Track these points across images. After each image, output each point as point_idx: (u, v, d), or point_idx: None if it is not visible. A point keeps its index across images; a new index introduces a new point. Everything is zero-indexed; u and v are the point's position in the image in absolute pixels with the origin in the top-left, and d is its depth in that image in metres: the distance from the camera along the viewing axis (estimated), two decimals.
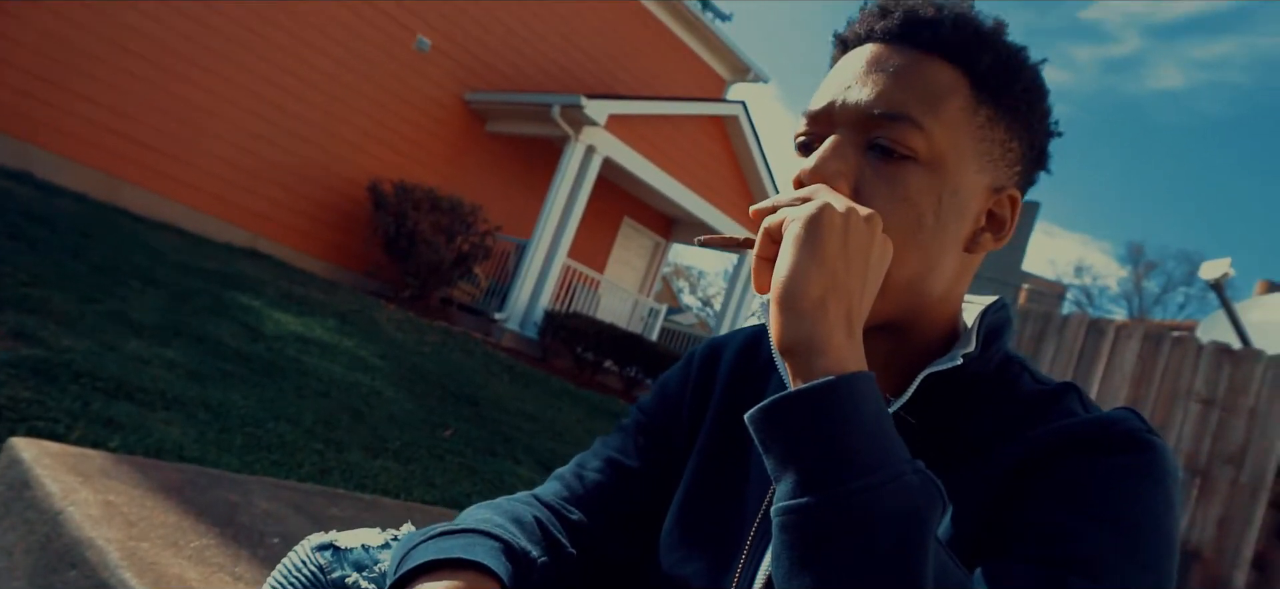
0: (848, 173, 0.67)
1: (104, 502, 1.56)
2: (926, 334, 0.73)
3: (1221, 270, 5.06)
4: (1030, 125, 0.72)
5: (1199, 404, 4.89)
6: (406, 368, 5.74)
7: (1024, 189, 0.75)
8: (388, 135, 10.36)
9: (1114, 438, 0.62)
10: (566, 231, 10.27)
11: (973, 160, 0.69)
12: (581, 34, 12.09)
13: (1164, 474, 0.61)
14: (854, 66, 0.71)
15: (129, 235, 6.60)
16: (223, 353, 4.30)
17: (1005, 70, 0.70)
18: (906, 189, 0.67)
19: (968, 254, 0.72)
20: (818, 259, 0.56)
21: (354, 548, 0.74)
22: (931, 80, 0.68)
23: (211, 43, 8.82)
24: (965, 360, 0.69)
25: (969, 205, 0.70)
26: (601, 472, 0.86)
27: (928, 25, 0.69)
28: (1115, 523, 0.57)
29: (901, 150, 0.67)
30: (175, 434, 2.90)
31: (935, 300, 0.71)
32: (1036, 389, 0.71)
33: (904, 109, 0.67)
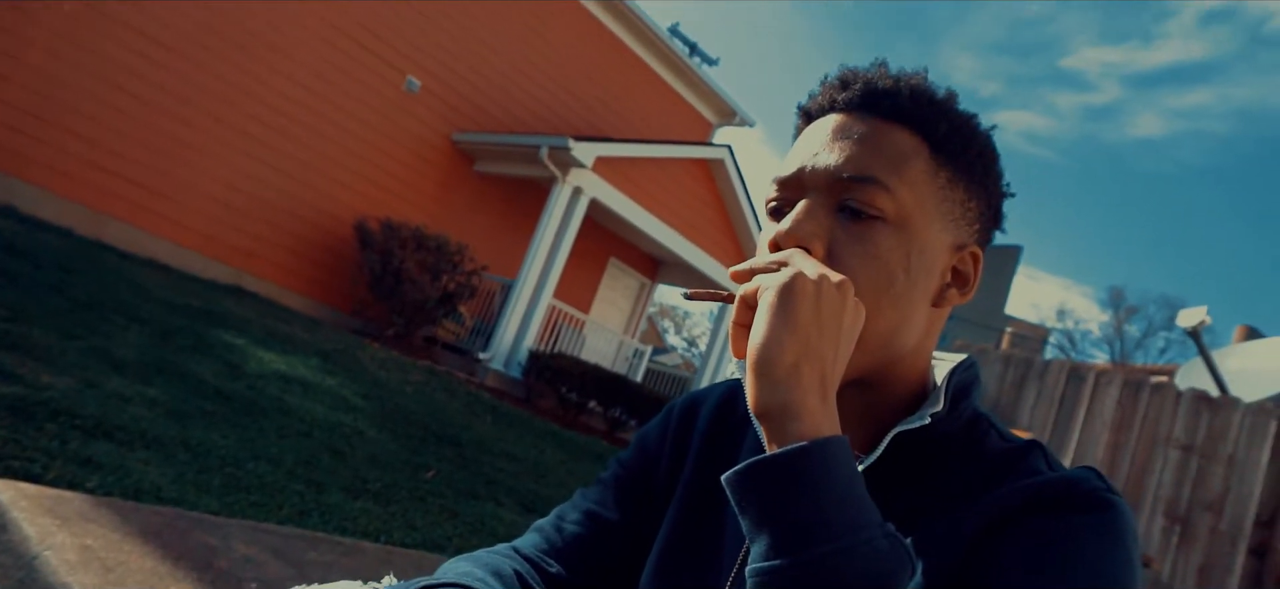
0: (821, 234, 0.70)
1: (81, 545, 1.55)
2: (897, 390, 0.75)
3: (1198, 318, 5.13)
4: (986, 186, 0.76)
5: (1178, 451, 4.93)
6: (389, 408, 5.71)
7: (984, 245, 0.78)
8: (376, 174, 10.39)
9: (1075, 498, 0.64)
10: (552, 272, 10.29)
11: (936, 219, 0.72)
12: (570, 77, 12.22)
13: (1123, 533, 0.63)
14: (821, 134, 0.74)
15: (112, 271, 6.57)
16: (204, 391, 4.27)
17: (961, 135, 0.73)
18: (877, 248, 0.69)
19: (935, 309, 0.75)
20: (791, 326, 0.58)
21: None
22: (894, 145, 0.71)
23: (199, 79, 8.86)
24: (933, 419, 0.71)
25: (936, 262, 0.73)
26: (581, 524, 0.86)
27: (887, 95, 0.73)
28: (1071, 579, 0.59)
29: (870, 211, 0.70)
30: (154, 475, 2.88)
31: (906, 354, 0.74)
32: (1003, 447, 0.73)
33: (871, 172, 0.70)
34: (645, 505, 0.88)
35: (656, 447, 0.91)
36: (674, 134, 13.55)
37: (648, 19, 12.61)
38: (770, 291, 0.60)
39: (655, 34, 12.86)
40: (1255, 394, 5.07)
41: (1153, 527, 4.89)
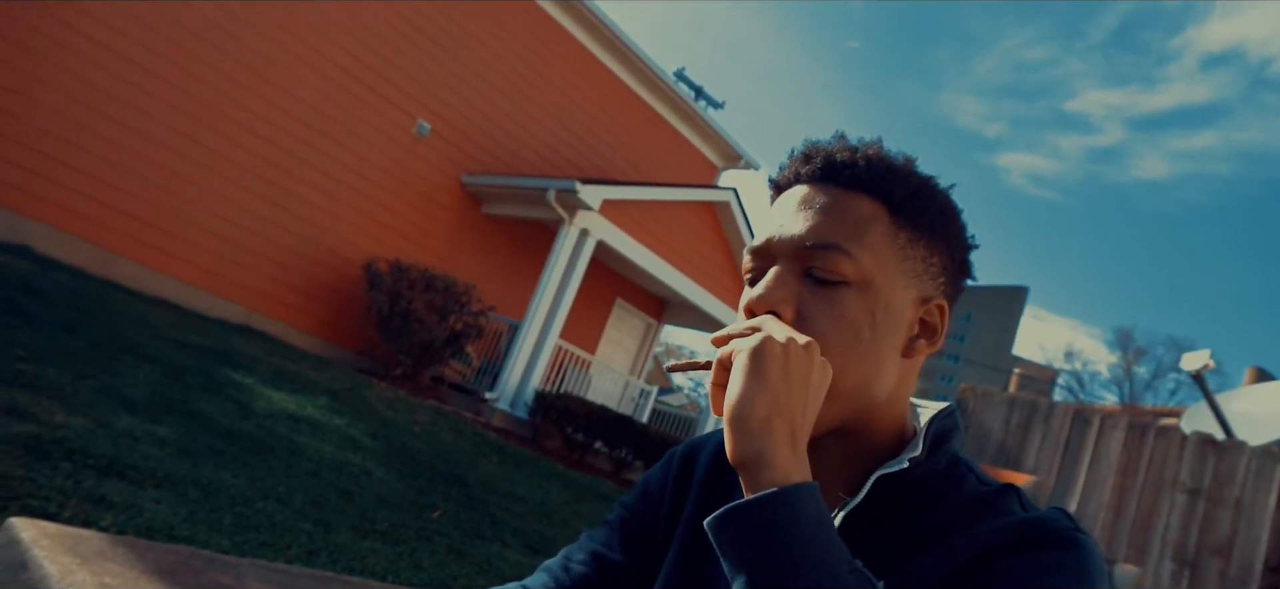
0: (790, 299, 0.75)
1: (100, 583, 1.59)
2: (877, 437, 0.79)
3: (1202, 362, 5.14)
4: (948, 241, 0.81)
5: (1185, 495, 4.91)
6: (396, 447, 5.73)
7: (952, 298, 0.83)
8: (385, 215, 10.50)
9: (1045, 537, 0.68)
10: (559, 312, 10.34)
11: (899, 278, 0.77)
12: (578, 121, 12.37)
13: (1090, 569, 0.67)
14: (788, 206, 0.80)
15: (123, 310, 6.64)
16: (214, 430, 4.31)
17: (918, 198, 0.79)
18: (842, 309, 0.75)
19: (906, 360, 0.80)
20: (762, 384, 0.64)
21: None
22: (854, 212, 0.77)
23: (212, 121, 9.01)
24: (913, 463, 0.76)
25: (901, 317, 0.78)
26: (586, 564, 0.91)
27: (846, 166, 0.78)
28: None
29: (834, 277, 0.75)
30: (165, 513, 2.91)
31: (881, 404, 0.78)
32: (980, 490, 0.78)
33: (833, 240, 0.75)
34: (648, 547, 0.92)
35: (659, 490, 0.96)
36: (680, 177, 13.67)
37: (654, 64, 12.79)
38: (743, 354, 0.66)
39: (661, 79, 13.03)
40: (1261, 437, 5.07)
41: (1162, 571, 4.86)
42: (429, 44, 10.61)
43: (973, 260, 0.84)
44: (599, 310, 13.18)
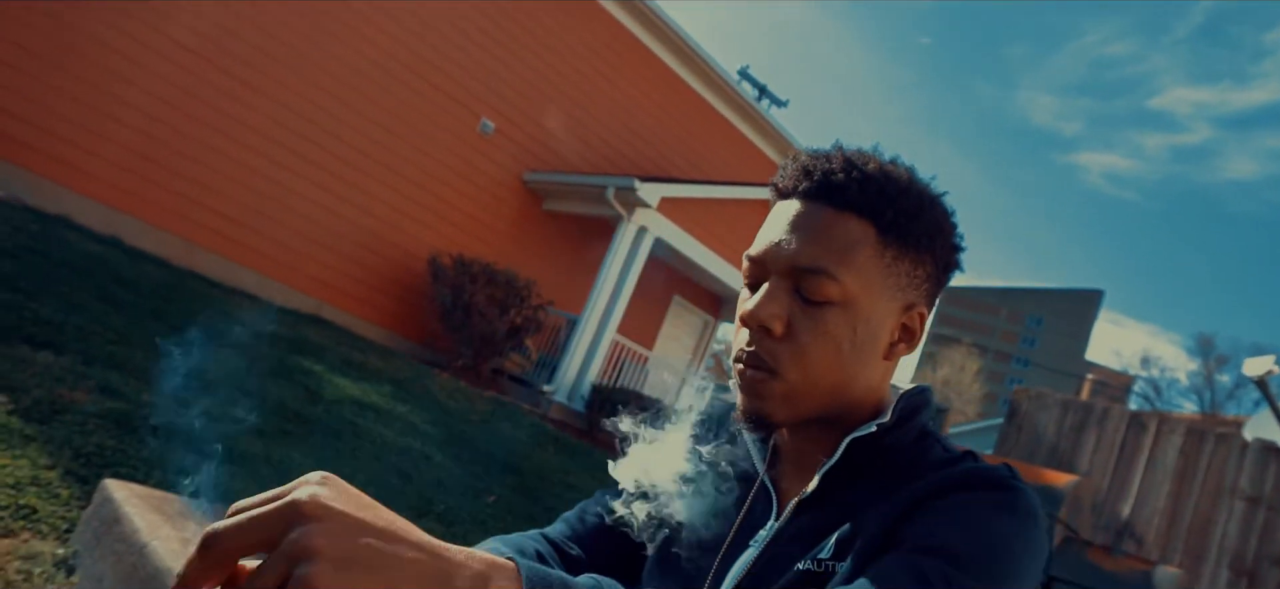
0: (781, 314, 0.86)
1: (182, 538, 1.78)
2: (856, 417, 0.91)
3: (1266, 367, 5.03)
4: (933, 251, 0.90)
5: (1244, 503, 4.83)
6: (455, 435, 5.96)
7: (934, 297, 0.93)
8: (449, 211, 10.81)
9: (985, 480, 0.80)
10: (616, 308, 10.51)
11: (882, 293, 0.87)
12: (637, 119, 12.52)
13: (1016, 507, 0.77)
14: (783, 220, 0.89)
15: (203, 299, 7.02)
16: (285, 413, 4.57)
17: (906, 217, 0.87)
18: (826, 326, 0.85)
19: (886, 361, 0.91)
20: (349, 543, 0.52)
21: None
22: (844, 235, 0.86)
23: (289, 121, 9.41)
24: (881, 429, 0.87)
25: (882, 327, 0.88)
26: (600, 516, 1.04)
27: (839, 188, 0.87)
28: (969, 530, 0.74)
29: (819, 298, 0.85)
30: (239, 485, 3.14)
31: (860, 397, 0.90)
32: (942, 455, 0.89)
33: (822, 264, 0.85)
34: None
35: None
36: (740, 175, 13.71)
37: (715, 64, 12.85)
38: (310, 565, 0.49)
39: (723, 78, 13.09)
40: None
41: (1218, 579, 4.79)
42: (493, 44, 10.88)
43: (962, 259, 0.94)
44: (657, 307, 13.32)
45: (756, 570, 0.88)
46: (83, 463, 2.74)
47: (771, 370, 0.85)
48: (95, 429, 3.05)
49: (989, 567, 0.73)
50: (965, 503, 0.78)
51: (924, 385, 0.95)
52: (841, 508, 0.87)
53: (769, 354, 0.86)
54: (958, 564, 0.72)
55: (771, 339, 0.86)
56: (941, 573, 0.71)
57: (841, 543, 0.83)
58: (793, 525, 0.89)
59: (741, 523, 0.95)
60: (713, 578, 0.93)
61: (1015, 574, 0.75)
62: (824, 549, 0.84)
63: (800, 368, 0.85)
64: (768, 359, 0.86)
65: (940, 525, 0.76)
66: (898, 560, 0.73)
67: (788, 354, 0.85)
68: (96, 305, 5.19)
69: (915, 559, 0.73)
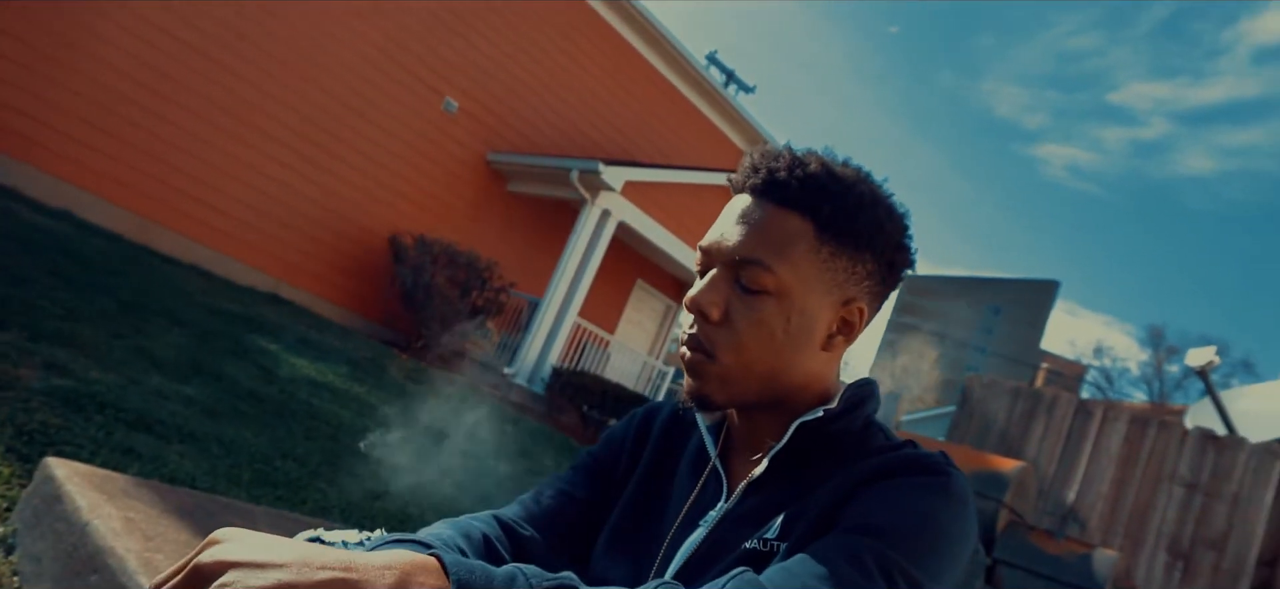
0: (720, 302, 0.91)
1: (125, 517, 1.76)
2: (802, 405, 0.95)
3: (1207, 358, 5.19)
4: (874, 248, 0.93)
5: (1183, 488, 4.98)
6: (413, 417, 5.93)
7: (880, 295, 0.97)
8: (411, 190, 10.71)
9: (918, 465, 0.84)
10: (578, 291, 10.51)
11: (817, 287, 0.91)
12: (603, 102, 12.49)
13: (951, 493, 0.82)
14: (732, 214, 0.94)
15: (157, 275, 6.90)
16: (238, 392, 4.52)
17: (844, 214, 0.91)
18: (760, 315, 0.89)
19: (825, 352, 0.95)
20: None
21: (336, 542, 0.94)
22: (782, 230, 0.90)
23: (248, 95, 9.25)
24: (828, 415, 0.92)
25: (817, 319, 0.92)
26: (554, 499, 1.07)
27: (781, 186, 0.91)
28: (901, 511, 0.78)
29: (755, 287, 0.89)
30: (189, 466, 3.11)
31: (800, 384, 0.94)
32: (884, 442, 0.94)
33: (758, 256, 0.89)
34: (607, 488, 1.09)
35: (620, 442, 1.13)
36: (706, 161, 13.75)
37: (683, 49, 12.85)
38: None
39: (690, 63, 13.10)
40: (1263, 435, 5.12)
41: (1155, 563, 4.94)
42: (458, 22, 10.77)
43: (912, 257, 0.97)
44: (619, 291, 13.34)
45: (704, 549, 0.92)
46: (25, 441, 2.70)
47: (708, 353, 0.90)
48: (39, 407, 2.99)
49: (919, 545, 0.77)
50: (900, 486, 0.82)
51: (869, 378, 0.99)
52: (788, 490, 0.91)
53: (706, 338, 0.90)
54: (890, 542, 0.76)
55: (710, 324, 0.91)
56: (874, 550, 0.75)
57: (786, 524, 0.87)
58: (741, 506, 0.93)
59: (692, 504, 0.98)
60: (662, 557, 0.96)
61: (945, 553, 0.79)
62: (770, 529, 0.87)
63: (734, 352, 0.89)
64: (705, 342, 0.90)
65: (875, 507, 0.80)
66: (834, 539, 0.77)
67: (723, 339, 0.90)
68: (44, 279, 5.08)
69: (850, 538, 0.77)
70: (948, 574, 0.80)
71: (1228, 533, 4.79)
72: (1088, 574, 3.34)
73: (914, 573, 0.75)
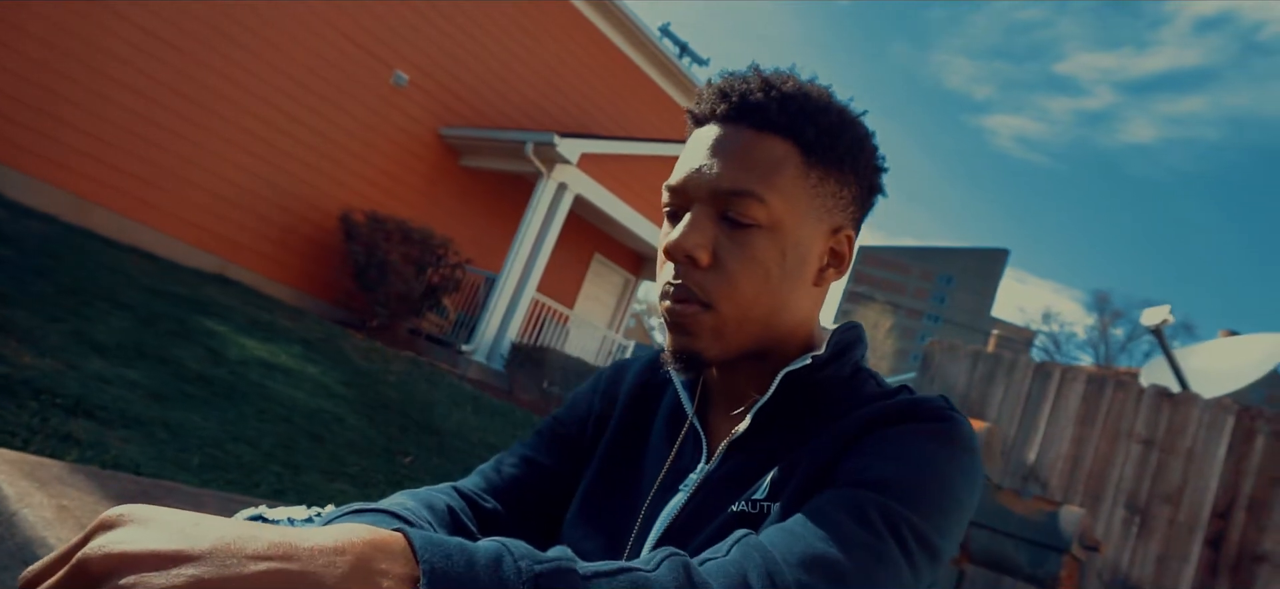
0: (706, 243, 0.81)
1: (58, 505, 1.64)
2: (787, 351, 0.87)
3: (1161, 316, 5.25)
4: (857, 171, 0.86)
5: (1140, 445, 5.06)
6: (370, 396, 5.79)
7: (860, 221, 0.89)
8: (362, 167, 10.45)
9: (919, 411, 0.77)
10: (536, 266, 10.37)
11: (809, 216, 0.83)
12: (557, 74, 12.30)
13: (954, 437, 0.75)
14: (703, 145, 0.84)
15: (97, 258, 6.63)
16: (185, 375, 4.35)
17: (828, 135, 0.82)
18: (754, 251, 0.80)
19: (816, 288, 0.87)
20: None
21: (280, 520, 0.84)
22: (767, 156, 0.81)
23: (188, 69, 8.90)
24: (816, 361, 0.84)
25: (810, 251, 0.84)
26: (517, 467, 0.97)
27: (759, 108, 0.82)
28: (905, 461, 0.72)
29: (747, 220, 0.80)
30: (133, 452, 2.96)
31: (793, 327, 0.86)
32: (877, 390, 0.86)
33: (746, 186, 0.80)
34: (574, 454, 1.00)
35: (587, 405, 1.03)
36: (660, 132, 13.65)
37: (638, 20, 12.70)
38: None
39: (644, 34, 12.95)
40: (1215, 391, 5.21)
41: (1114, 518, 5.02)
42: None
43: (883, 181, 0.90)
44: (577, 265, 13.22)
45: (686, 515, 0.84)
46: None
47: (702, 303, 0.81)
48: None
49: (926, 496, 0.70)
50: (901, 435, 0.75)
51: (855, 322, 0.91)
52: (775, 447, 0.83)
53: (697, 286, 0.81)
54: (895, 494, 0.69)
55: (698, 270, 0.81)
56: (878, 505, 0.68)
57: (776, 483, 0.79)
58: (724, 467, 0.85)
59: (670, 467, 0.90)
60: (640, 526, 0.88)
61: (953, 504, 0.73)
62: (758, 490, 0.80)
63: (731, 298, 0.81)
64: (696, 291, 0.81)
65: (876, 458, 0.73)
66: (834, 495, 0.70)
67: (717, 284, 0.81)
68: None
69: (852, 492, 0.70)
70: (956, 527, 0.73)
71: (1183, 487, 4.87)
72: (1055, 531, 3.35)
73: (922, 527, 0.69)
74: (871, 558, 0.65)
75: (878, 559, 0.66)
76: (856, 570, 0.64)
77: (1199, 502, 4.77)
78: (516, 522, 0.94)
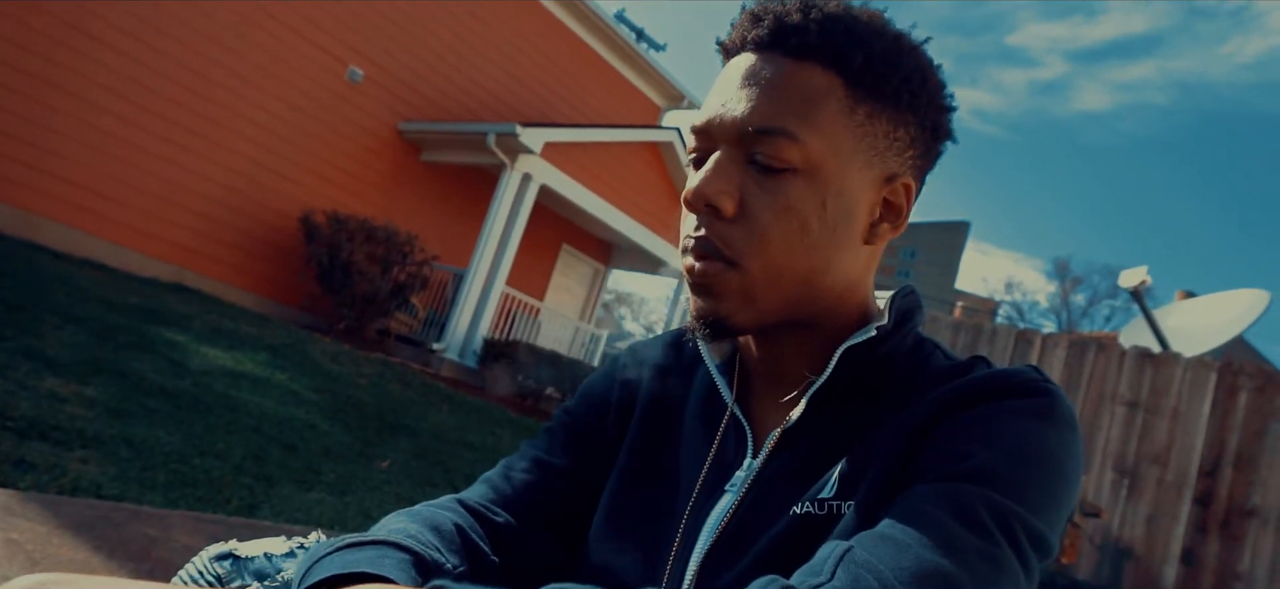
0: (732, 190, 0.69)
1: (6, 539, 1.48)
2: (839, 321, 0.74)
3: (1139, 278, 5.25)
4: (916, 110, 0.72)
5: (1124, 407, 5.04)
6: (342, 400, 5.60)
7: (922, 170, 0.76)
8: (320, 166, 10.18)
9: (1013, 386, 0.66)
10: (504, 259, 10.20)
11: (855, 159, 0.70)
12: (516, 64, 12.09)
13: (1056, 414, 0.64)
14: (733, 79, 0.71)
15: (47, 272, 6.34)
16: (146, 389, 4.14)
17: (879, 65, 0.70)
18: (788, 199, 0.68)
19: (868, 246, 0.74)
20: None
21: (256, 557, 0.71)
22: (804, 88, 0.69)
23: (136, 74, 8.58)
24: (880, 333, 0.72)
25: (858, 201, 0.71)
26: (528, 471, 0.84)
27: (796, 32, 0.69)
28: (1006, 445, 0.61)
29: (779, 164, 0.68)
30: (93, 473, 2.77)
31: (841, 292, 0.73)
32: (948, 364, 0.75)
33: (778, 123, 0.67)
34: (594, 452, 0.87)
35: (604, 394, 0.90)
36: (623, 119, 13.50)
37: (592, 4, 12.52)
38: None
39: (601, 19, 12.78)
40: (1195, 350, 5.21)
41: (1103, 481, 5.00)
42: None
43: (952, 122, 0.77)
44: (546, 257, 13.05)
45: (738, 521, 0.71)
46: None
47: (728, 260, 0.69)
48: None
49: (1035, 485, 0.60)
50: (996, 414, 0.64)
51: (911, 285, 0.79)
52: (835, 436, 0.71)
53: (721, 239, 0.69)
54: (1001, 487, 0.58)
55: (722, 221, 0.69)
56: (985, 500, 0.57)
57: (846, 478, 0.67)
58: (776, 462, 0.73)
59: (711, 465, 0.77)
60: (683, 536, 0.75)
61: (1065, 490, 0.62)
62: (824, 487, 0.68)
63: (761, 254, 0.68)
64: (720, 246, 0.69)
65: (972, 443, 0.61)
66: (930, 491, 0.59)
67: (743, 237, 0.68)
68: None
69: (951, 487, 0.58)
70: (1065, 516, 0.63)
71: (1169, 446, 4.86)
72: None
73: (1034, 523, 0.58)
74: (989, 567, 0.55)
75: (996, 567, 0.55)
76: (975, 584, 0.53)
77: (1186, 460, 4.76)
78: (532, 534, 0.81)
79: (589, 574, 0.79)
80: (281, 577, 0.69)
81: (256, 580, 0.69)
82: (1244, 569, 4.46)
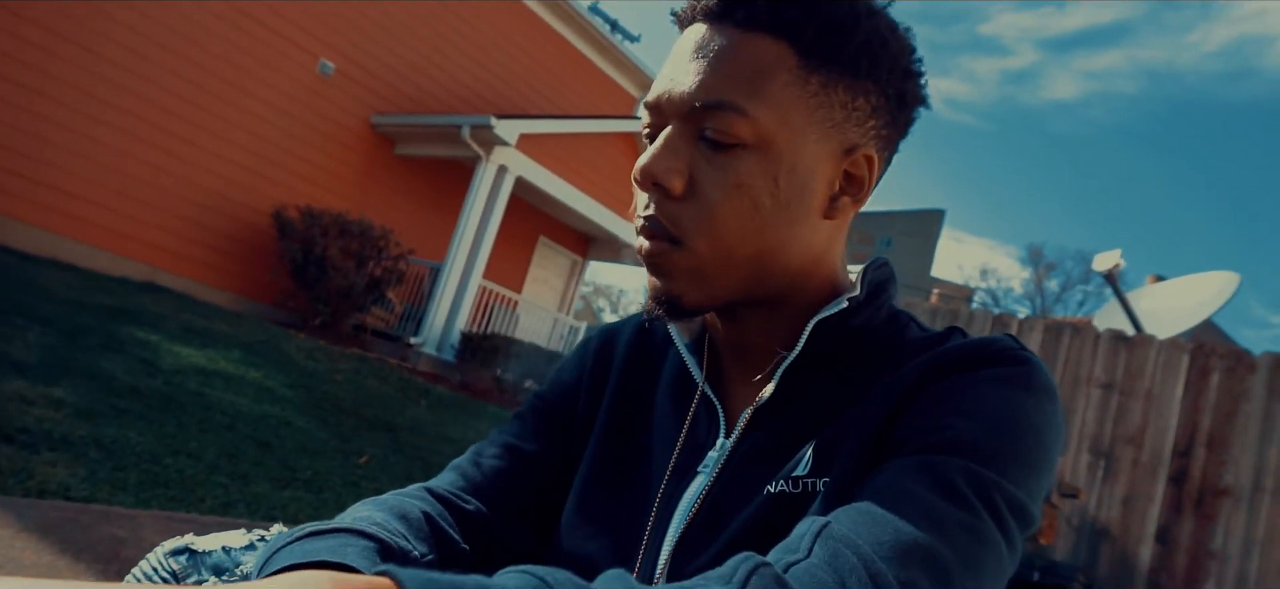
0: (680, 168, 0.67)
1: None
2: (807, 296, 0.73)
3: (1113, 261, 5.29)
4: (876, 77, 0.69)
5: (1099, 389, 5.09)
6: (318, 397, 5.54)
7: (889, 140, 0.73)
8: (292, 161, 10.06)
9: (990, 355, 0.65)
10: (481, 253, 10.13)
11: (809, 132, 0.68)
12: (489, 55, 12.01)
13: (1035, 383, 0.63)
14: (683, 52, 0.69)
15: (13, 273, 6.22)
16: (117, 389, 4.07)
17: (834, 32, 0.67)
18: (738, 176, 0.66)
19: (829, 220, 0.72)
20: None
21: (213, 550, 0.68)
22: (752, 60, 0.66)
23: (103, 71, 8.42)
24: (852, 304, 0.70)
25: (815, 175, 0.69)
26: (499, 457, 0.83)
27: (744, 2, 0.67)
28: (985, 415, 0.60)
29: (728, 139, 0.66)
30: (62, 475, 2.72)
31: (801, 268, 0.71)
32: (923, 335, 0.74)
33: (726, 97, 0.66)
34: (564, 436, 0.86)
35: (575, 377, 0.89)
36: (598, 109, 13.44)
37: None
38: None
39: (575, 11, 12.72)
40: (1168, 331, 5.27)
41: (1079, 463, 5.05)
42: None
43: (923, 88, 0.74)
44: (523, 249, 12.99)
45: (711, 502, 0.70)
46: None
47: (673, 238, 0.67)
48: None
49: (1016, 455, 0.59)
50: (974, 384, 0.63)
51: (884, 258, 0.77)
52: (810, 412, 0.70)
53: (669, 219, 0.67)
54: (981, 457, 0.57)
55: (671, 200, 0.67)
56: (965, 471, 0.56)
57: (820, 454, 0.66)
58: (749, 441, 0.71)
59: (683, 446, 0.76)
60: (655, 520, 0.73)
61: (1045, 459, 0.61)
62: (798, 464, 0.67)
63: (709, 233, 0.67)
64: (668, 226, 0.67)
65: (950, 414, 0.60)
66: (908, 464, 0.58)
67: (691, 216, 0.67)
68: None
69: (929, 459, 0.57)
70: (1046, 486, 0.62)
71: (1144, 427, 4.92)
72: None
73: (1015, 493, 0.58)
74: (971, 539, 0.54)
75: (977, 539, 0.54)
76: (957, 557, 0.52)
77: (1160, 441, 4.82)
78: (504, 522, 0.79)
79: (560, 561, 0.77)
80: (240, 571, 0.67)
81: (214, 575, 0.66)
82: (1218, 547, 4.52)
